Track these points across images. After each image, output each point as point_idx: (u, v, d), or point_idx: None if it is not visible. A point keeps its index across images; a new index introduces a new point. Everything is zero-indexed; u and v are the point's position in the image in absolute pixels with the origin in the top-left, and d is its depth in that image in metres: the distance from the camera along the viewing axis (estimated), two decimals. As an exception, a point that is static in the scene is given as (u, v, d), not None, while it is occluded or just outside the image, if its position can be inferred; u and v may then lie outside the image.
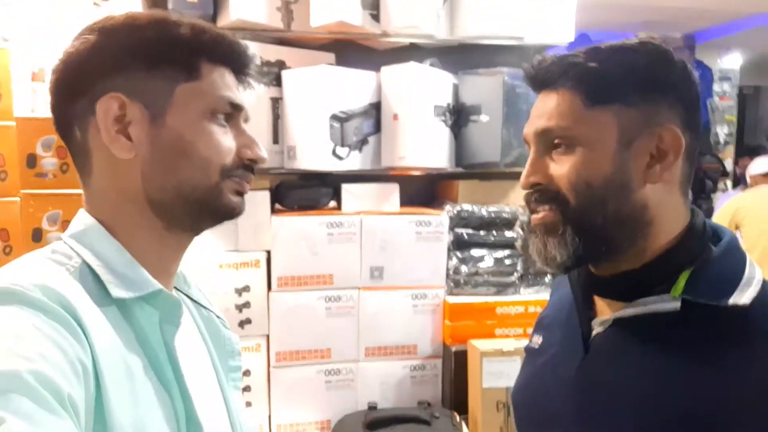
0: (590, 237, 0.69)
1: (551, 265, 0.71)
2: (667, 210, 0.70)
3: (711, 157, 4.78)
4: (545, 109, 0.71)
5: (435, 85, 1.60)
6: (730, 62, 5.16)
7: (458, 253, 1.65)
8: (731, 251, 0.70)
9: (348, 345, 1.61)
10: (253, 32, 1.55)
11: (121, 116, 0.63)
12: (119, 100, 0.62)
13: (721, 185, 4.91)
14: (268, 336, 1.58)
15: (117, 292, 0.60)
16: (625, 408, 0.69)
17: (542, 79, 0.72)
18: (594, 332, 0.74)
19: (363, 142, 1.60)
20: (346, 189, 1.60)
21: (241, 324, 1.56)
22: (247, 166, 0.69)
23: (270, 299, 1.56)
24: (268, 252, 1.56)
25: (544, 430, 0.78)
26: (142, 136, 0.63)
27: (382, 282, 1.61)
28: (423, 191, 1.82)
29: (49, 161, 1.51)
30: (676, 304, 0.66)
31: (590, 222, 0.68)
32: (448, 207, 1.65)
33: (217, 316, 0.80)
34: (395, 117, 1.58)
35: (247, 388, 1.58)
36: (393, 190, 1.63)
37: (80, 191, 0.66)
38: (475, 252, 1.66)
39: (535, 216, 0.72)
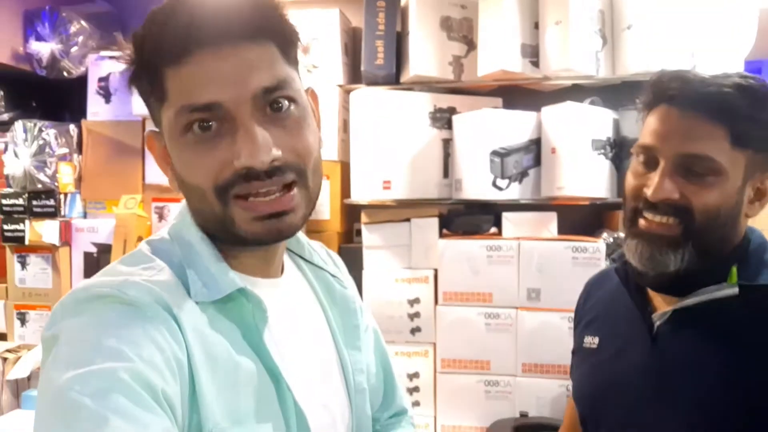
0: (703, 254, 0.80)
1: (655, 269, 0.81)
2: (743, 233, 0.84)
3: None
4: (690, 133, 0.78)
5: (592, 120, 1.72)
6: None
7: (616, 280, 1.70)
8: (764, 244, 0.82)
9: (506, 359, 1.76)
10: (428, 84, 1.84)
11: (160, 148, 0.62)
12: (151, 134, 0.62)
13: None
14: (434, 344, 1.81)
15: (197, 296, 0.59)
16: (699, 388, 0.79)
17: (692, 102, 0.79)
18: (656, 323, 0.84)
19: (523, 174, 1.77)
20: (506, 216, 1.78)
21: (413, 331, 1.81)
22: (247, 176, 0.56)
23: (437, 311, 1.79)
24: (436, 270, 1.80)
25: (621, 412, 0.85)
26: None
27: (539, 303, 1.74)
28: (584, 221, 1.91)
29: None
30: (735, 289, 0.77)
31: (709, 241, 0.80)
32: (605, 235, 1.73)
33: (332, 275, 0.77)
34: (553, 150, 1.73)
35: (416, 389, 1.82)
36: (551, 219, 1.76)
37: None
38: (636, 280, 1.69)
39: (650, 223, 0.80)
